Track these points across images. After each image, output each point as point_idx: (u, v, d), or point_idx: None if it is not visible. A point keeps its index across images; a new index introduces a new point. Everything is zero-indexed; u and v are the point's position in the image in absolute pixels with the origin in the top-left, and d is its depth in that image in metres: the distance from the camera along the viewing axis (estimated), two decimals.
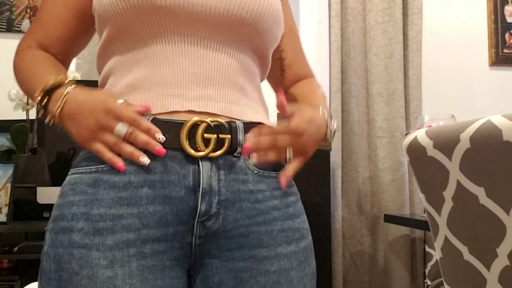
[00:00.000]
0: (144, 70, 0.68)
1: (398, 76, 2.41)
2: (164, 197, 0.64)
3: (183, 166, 0.64)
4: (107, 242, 0.61)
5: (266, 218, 0.69)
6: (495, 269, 0.87)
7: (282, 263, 0.68)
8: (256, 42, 0.72)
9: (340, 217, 2.36)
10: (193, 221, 0.65)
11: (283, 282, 0.68)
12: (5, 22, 2.17)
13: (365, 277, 2.41)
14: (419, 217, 1.91)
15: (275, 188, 0.71)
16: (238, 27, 0.69)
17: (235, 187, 0.67)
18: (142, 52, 0.68)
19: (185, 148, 0.64)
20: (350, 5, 2.45)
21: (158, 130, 0.63)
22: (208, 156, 0.65)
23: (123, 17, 0.66)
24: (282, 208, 0.71)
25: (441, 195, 0.98)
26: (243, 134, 0.68)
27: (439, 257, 1.06)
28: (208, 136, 0.65)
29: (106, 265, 0.60)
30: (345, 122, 2.44)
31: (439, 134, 0.95)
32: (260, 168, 0.69)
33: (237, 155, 0.67)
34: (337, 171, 2.36)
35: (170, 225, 0.64)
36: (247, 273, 0.67)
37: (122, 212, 0.62)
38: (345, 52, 2.46)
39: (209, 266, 0.68)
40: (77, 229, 0.62)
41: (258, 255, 0.68)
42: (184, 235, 0.65)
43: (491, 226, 0.86)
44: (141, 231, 0.62)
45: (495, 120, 0.81)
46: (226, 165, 0.67)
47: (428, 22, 2.55)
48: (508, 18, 2.69)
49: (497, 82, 2.68)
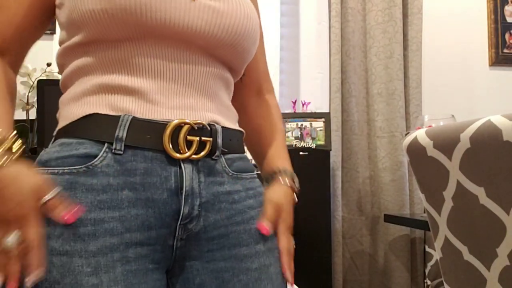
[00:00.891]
0: (122, 74, 0.65)
1: (398, 76, 2.42)
2: (146, 200, 0.62)
3: (165, 168, 0.63)
4: (89, 248, 0.58)
5: (244, 217, 0.70)
6: (495, 269, 0.87)
7: (262, 259, 0.70)
8: (233, 60, 0.73)
9: (340, 217, 2.36)
10: (176, 224, 0.64)
11: (264, 278, 0.69)
12: None
13: (365, 277, 2.41)
14: (419, 217, 1.91)
15: (249, 188, 0.72)
16: (217, 48, 0.69)
17: (213, 189, 0.67)
18: (121, 58, 0.65)
19: (167, 151, 0.63)
20: (350, 5, 2.46)
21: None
22: (189, 158, 0.64)
23: (103, 27, 0.63)
24: (257, 207, 0.72)
25: (441, 195, 0.98)
26: (221, 138, 0.68)
27: (439, 257, 1.06)
28: (191, 139, 0.64)
29: (90, 272, 0.57)
30: (345, 122, 2.44)
31: (439, 134, 0.95)
32: (235, 171, 0.71)
33: (215, 158, 0.68)
34: (337, 171, 2.36)
35: (153, 228, 0.62)
36: (228, 273, 0.67)
37: (103, 216, 0.59)
38: (345, 52, 2.46)
39: (190, 269, 0.67)
40: (55, 235, 0.58)
41: (238, 254, 0.68)
42: (166, 238, 0.64)
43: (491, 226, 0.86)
44: (124, 235, 0.60)
45: (495, 120, 0.81)
46: (205, 168, 0.67)
47: (428, 22, 2.55)
48: (508, 18, 2.69)
49: (497, 82, 2.68)
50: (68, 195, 0.59)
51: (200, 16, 0.66)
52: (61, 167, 0.61)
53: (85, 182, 0.60)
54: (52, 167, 0.61)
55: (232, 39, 0.69)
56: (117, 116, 0.62)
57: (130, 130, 0.62)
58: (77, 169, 0.60)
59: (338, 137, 2.37)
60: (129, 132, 0.62)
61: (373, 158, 2.45)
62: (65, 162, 0.61)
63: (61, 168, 0.61)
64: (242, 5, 0.71)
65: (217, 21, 0.67)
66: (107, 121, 0.62)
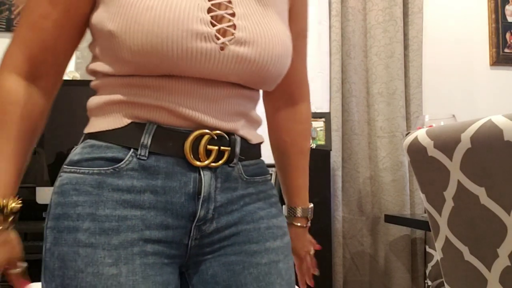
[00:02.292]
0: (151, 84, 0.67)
1: (398, 76, 2.41)
2: (166, 202, 0.67)
3: (185, 174, 0.67)
4: (112, 242, 0.64)
5: (254, 217, 0.74)
6: (496, 269, 0.86)
7: (271, 256, 0.74)
8: (262, 86, 0.77)
9: (340, 217, 2.36)
10: (191, 225, 0.69)
11: (274, 272, 0.74)
12: (4, 21, 2.17)
13: (365, 277, 2.40)
14: (419, 217, 1.91)
15: (261, 191, 0.77)
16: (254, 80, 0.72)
17: (228, 194, 0.72)
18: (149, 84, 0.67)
19: (188, 158, 0.67)
20: (350, 5, 2.45)
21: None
22: (208, 166, 0.69)
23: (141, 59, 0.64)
24: (266, 208, 0.77)
25: (441, 195, 0.98)
26: (239, 147, 0.72)
27: (439, 258, 1.06)
28: (211, 148, 0.68)
29: (111, 263, 0.63)
30: (345, 122, 2.44)
31: (439, 134, 0.95)
32: (249, 175, 0.75)
33: (232, 165, 0.72)
34: (337, 171, 2.36)
35: (170, 228, 0.67)
36: (239, 266, 0.72)
37: (127, 214, 0.65)
38: (346, 51, 2.45)
39: (203, 262, 0.72)
40: (83, 228, 0.64)
41: (248, 249, 0.73)
42: (182, 237, 0.69)
43: (492, 226, 0.85)
44: (144, 232, 0.66)
45: (496, 120, 0.81)
46: (223, 174, 0.71)
47: (428, 21, 2.54)
48: (509, 18, 2.68)
49: (497, 81, 2.68)
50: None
51: (229, 66, 0.67)
52: (91, 167, 0.66)
53: (112, 183, 0.65)
54: (83, 167, 0.66)
55: (262, 79, 0.72)
56: (143, 124, 0.67)
57: (154, 137, 0.66)
58: (105, 170, 0.66)
59: (338, 137, 2.36)
60: (153, 140, 0.66)
61: (374, 158, 2.44)
62: (95, 164, 0.66)
63: (91, 168, 0.66)
64: (274, 42, 0.70)
65: (246, 69, 0.69)
66: (133, 129, 0.67)
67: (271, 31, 0.70)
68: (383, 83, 2.44)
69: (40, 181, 1.66)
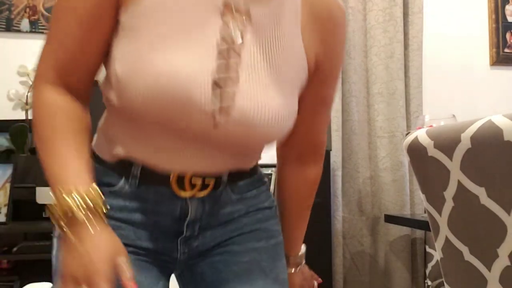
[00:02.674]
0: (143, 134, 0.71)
1: (398, 76, 2.41)
2: (155, 222, 0.74)
3: (172, 201, 0.73)
4: None
5: (238, 225, 0.79)
6: (496, 269, 0.86)
7: (253, 255, 0.79)
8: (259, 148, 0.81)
9: (340, 217, 2.36)
10: (177, 241, 0.76)
11: (255, 270, 0.78)
12: (4, 21, 2.17)
13: (365, 277, 2.40)
14: (419, 217, 1.91)
15: (250, 205, 0.81)
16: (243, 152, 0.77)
17: (215, 214, 0.77)
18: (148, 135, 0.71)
19: (174, 189, 0.72)
20: (350, 5, 2.45)
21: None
22: (194, 195, 0.74)
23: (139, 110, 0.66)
24: (252, 216, 0.81)
25: (441, 195, 0.98)
26: (227, 175, 0.76)
27: (439, 258, 1.06)
28: (195, 181, 0.73)
29: None
30: (345, 121, 2.44)
31: (440, 134, 0.95)
32: (239, 193, 0.79)
33: (220, 190, 0.76)
34: (337, 171, 2.36)
35: (159, 242, 0.75)
36: (222, 264, 0.78)
37: (120, 225, 0.72)
38: (346, 51, 2.45)
39: (193, 265, 0.79)
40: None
41: (231, 250, 0.79)
42: (171, 251, 0.76)
43: (492, 226, 0.85)
44: (136, 241, 0.73)
45: (496, 120, 0.81)
46: (211, 199, 0.76)
47: (428, 21, 2.54)
48: (509, 18, 2.68)
49: (498, 81, 2.68)
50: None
51: (220, 141, 0.70)
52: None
53: (107, 202, 0.67)
54: None
55: (252, 150, 0.78)
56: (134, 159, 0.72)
57: (143, 171, 0.72)
58: (102, 189, 0.68)
59: (338, 137, 2.36)
60: (142, 172, 0.72)
61: (374, 158, 2.44)
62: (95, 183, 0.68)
63: None
64: (270, 124, 0.70)
65: (237, 144, 0.72)
66: (125, 162, 0.72)
67: (271, 112, 0.69)
68: (383, 83, 2.44)
69: (40, 181, 1.66)
